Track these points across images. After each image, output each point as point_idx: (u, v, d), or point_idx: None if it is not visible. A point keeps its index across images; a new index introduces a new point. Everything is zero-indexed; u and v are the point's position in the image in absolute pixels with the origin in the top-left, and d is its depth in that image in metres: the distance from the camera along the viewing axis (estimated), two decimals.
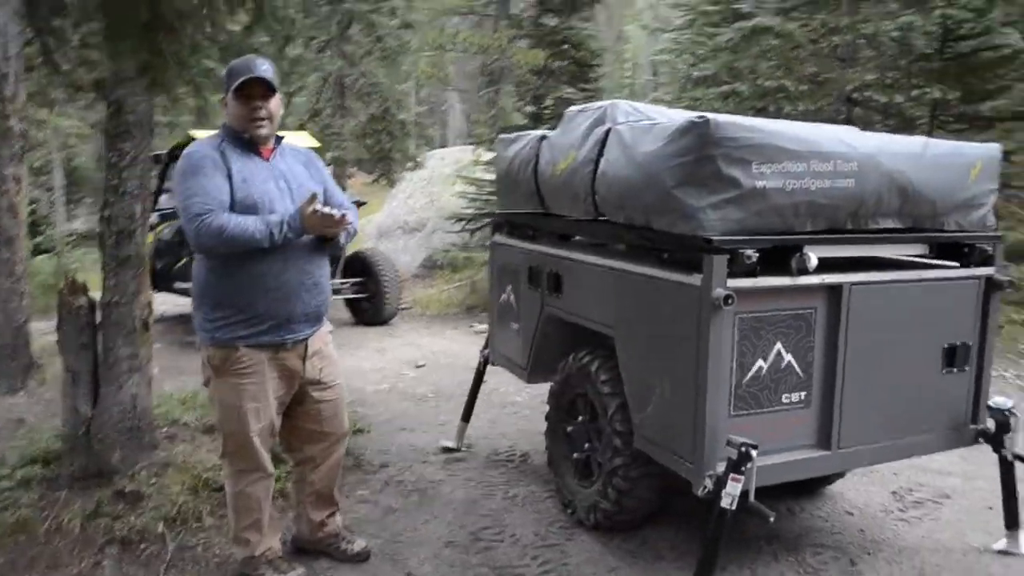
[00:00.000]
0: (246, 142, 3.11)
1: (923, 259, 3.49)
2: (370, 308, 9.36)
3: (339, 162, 13.19)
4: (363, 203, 8.66)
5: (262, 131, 3.10)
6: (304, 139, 8.47)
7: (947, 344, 3.37)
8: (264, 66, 3.09)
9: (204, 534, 3.64)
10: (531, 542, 3.66)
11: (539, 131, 4.26)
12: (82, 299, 4.03)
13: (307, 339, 3.17)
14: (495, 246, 4.73)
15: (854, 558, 3.53)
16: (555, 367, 4.06)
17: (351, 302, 9.46)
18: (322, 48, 14.57)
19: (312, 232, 3.04)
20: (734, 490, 2.78)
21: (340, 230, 3.08)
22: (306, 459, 3.38)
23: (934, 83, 8.99)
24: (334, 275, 8.72)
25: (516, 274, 4.40)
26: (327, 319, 3.33)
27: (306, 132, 10.17)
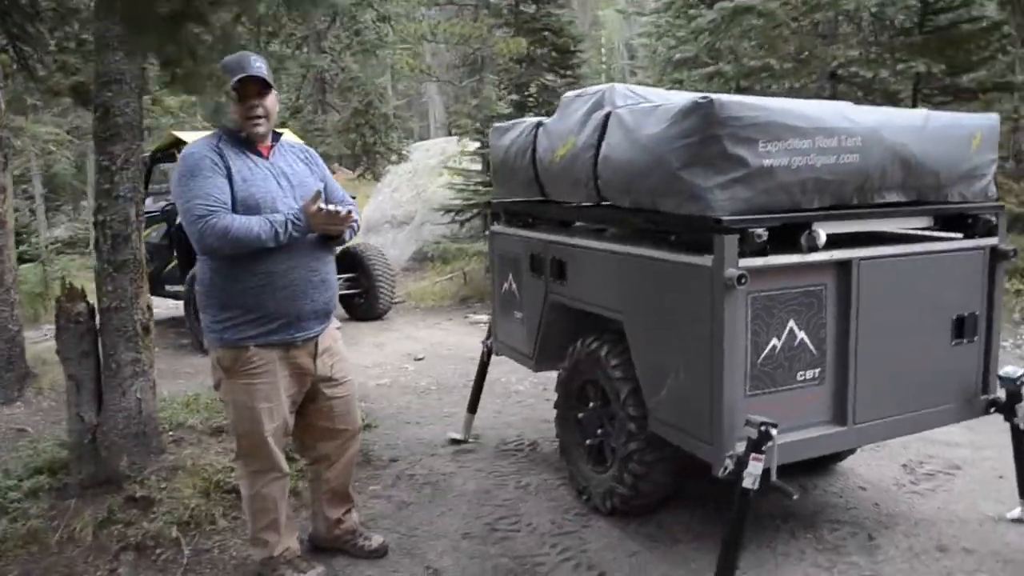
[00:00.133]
0: (244, 141, 3.07)
1: (926, 232, 3.50)
2: (364, 303, 9.33)
3: (323, 158, 13.14)
4: (353, 197, 8.63)
5: (259, 129, 3.07)
6: (287, 137, 8.41)
7: (956, 315, 3.37)
8: (258, 63, 3.05)
9: (219, 536, 3.62)
10: (548, 530, 3.66)
11: (534, 118, 4.24)
12: (81, 305, 3.98)
13: (317, 336, 3.14)
14: (494, 235, 4.71)
15: (872, 532, 3.54)
16: (562, 354, 4.05)
17: (344, 298, 9.41)
18: (300, 44, 14.48)
19: (318, 230, 3.02)
20: (756, 470, 2.77)
21: (346, 227, 3.07)
22: (321, 457, 3.36)
23: (917, 57, 9.01)
24: None
25: (517, 263, 4.37)
26: (334, 316, 3.31)
27: (287, 130, 10.10)
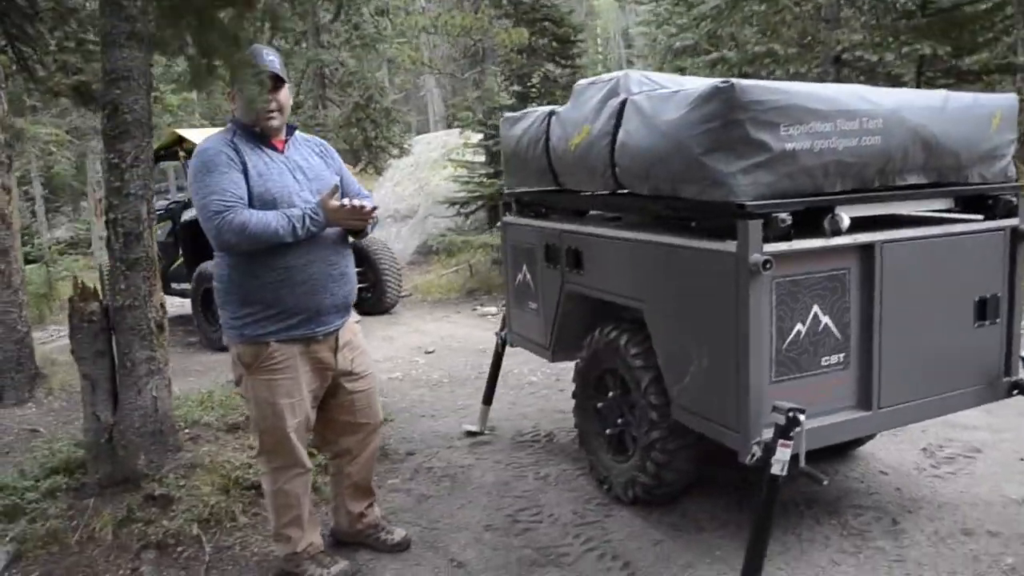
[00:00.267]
0: (258, 135, 3.04)
1: (945, 214, 3.47)
2: (371, 297, 9.30)
3: None
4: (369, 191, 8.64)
5: (273, 123, 3.05)
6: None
7: (978, 297, 3.35)
8: (271, 57, 3.02)
9: (240, 533, 3.60)
10: (570, 521, 3.64)
11: (546, 107, 4.20)
12: (94, 305, 3.96)
13: (337, 330, 3.12)
14: (506, 226, 4.68)
15: (896, 517, 3.52)
16: (579, 344, 4.02)
17: None
18: (299, 39, 14.43)
19: (337, 225, 3.00)
20: (784, 456, 2.75)
21: (369, 223, 3.04)
22: (342, 451, 3.34)
23: (922, 39, 8.98)
24: None
25: (531, 253, 4.35)
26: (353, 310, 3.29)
27: None
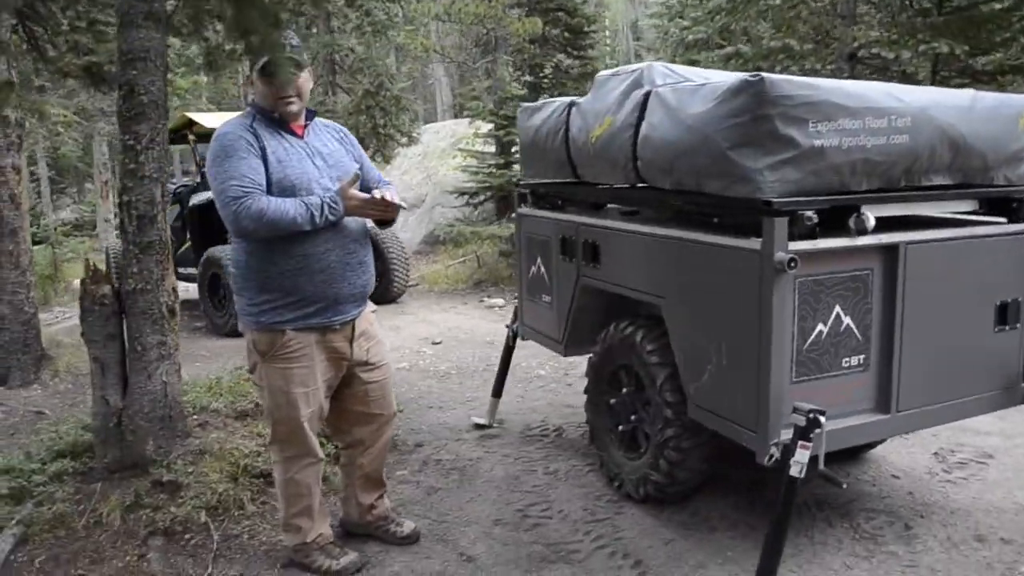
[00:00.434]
0: (277, 121, 3.01)
1: (969, 215, 3.42)
2: (378, 286, 9.21)
3: None
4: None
5: (292, 108, 3.01)
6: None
7: (999, 301, 3.31)
8: (295, 41, 2.99)
9: (248, 522, 3.58)
10: (580, 517, 3.61)
11: (566, 98, 4.15)
12: (106, 288, 3.92)
13: (354, 320, 3.08)
14: (521, 217, 4.64)
15: (908, 522, 3.49)
16: (593, 339, 3.99)
17: None
18: (309, 25, 14.35)
19: (355, 215, 2.96)
20: (803, 458, 2.71)
21: (394, 214, 3.00)
22: (355, 442, 3.30)
23: (939, 37, 8.89)
24: None
25: (546, 246, 4.30)
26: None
27: None
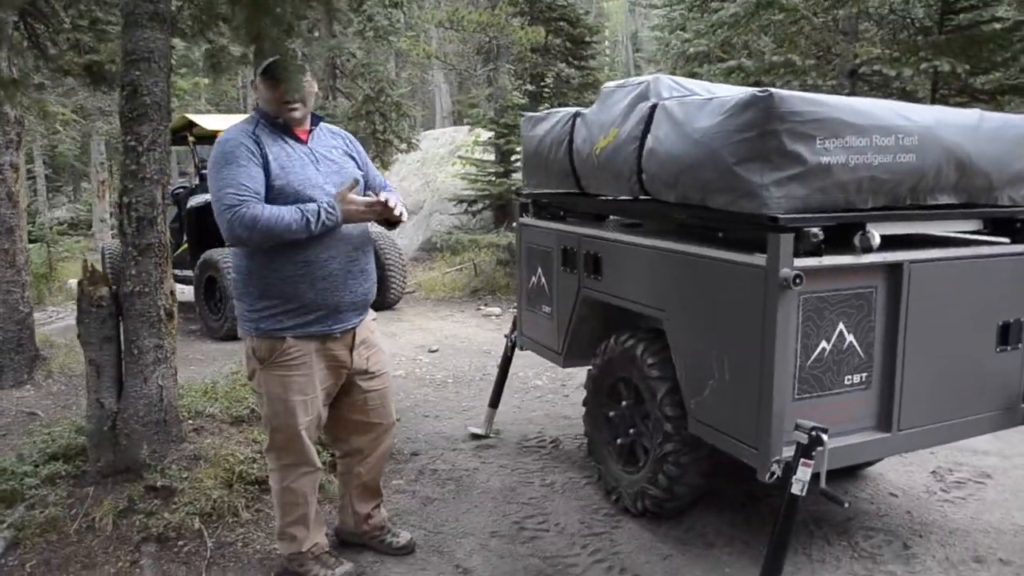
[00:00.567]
0: (281, 126, 2.98)
1: (972, 235, 3.42)
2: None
3: None
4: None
5: (296, 114, 2.99)
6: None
7: (1002, 322, 3.30)
8: (303, 49, 2.97)
9: (242, 529, 3.54)
10: (577, 531, 3.58)
11: (571, 108, 4.15)
12: (103, 289, 3.89)
13: (355, 328, 3.06)
14: (522, 227, 4.62)
15: (906, 541, 3.47)
16: (592, 351, 3.97)
17: None
18: (312, 28, 14.34)
19: (352, 220, 2.92)
20: (804, 476, 2.70)
21: (397, 215, 2.96)
22: (353, 451, 3.28)
23: (940, 56, 8.91)
24: None
25: (547, 256, 4.29)
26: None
27: None
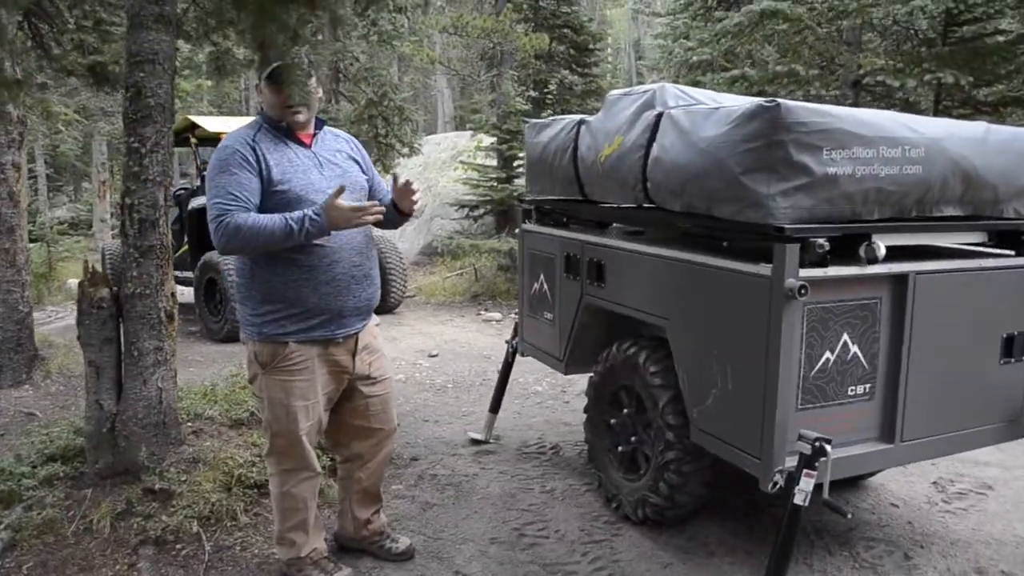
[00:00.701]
0: (285, 130, 2.97)
1: (976, 247, 3.42)
2: None
3: None
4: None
5: (299, 118, 2.98)
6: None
7: (1006, 334, 3.29)
8: (309, 57, 2.97)
9: (241, 533, 3.52)
10: (577, 538, 3.57)
11: (575, 116, 4.14)
12: (104, 291, 3.88)
13: (357, 333, 3.05)
14: (525, 233, 4.61)
15: (908, 552, 3.46)
16: (594, 358, 3.96)
17: None
18: (316, 32, 14.32)
19: (338, 228, 2.83)
20: (807, 486, 2.70)
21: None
22: (354, 456, 3.26)
23: (944, 67, 8.93)
24: None
25: (550, 263, 4.28)
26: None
27: None
